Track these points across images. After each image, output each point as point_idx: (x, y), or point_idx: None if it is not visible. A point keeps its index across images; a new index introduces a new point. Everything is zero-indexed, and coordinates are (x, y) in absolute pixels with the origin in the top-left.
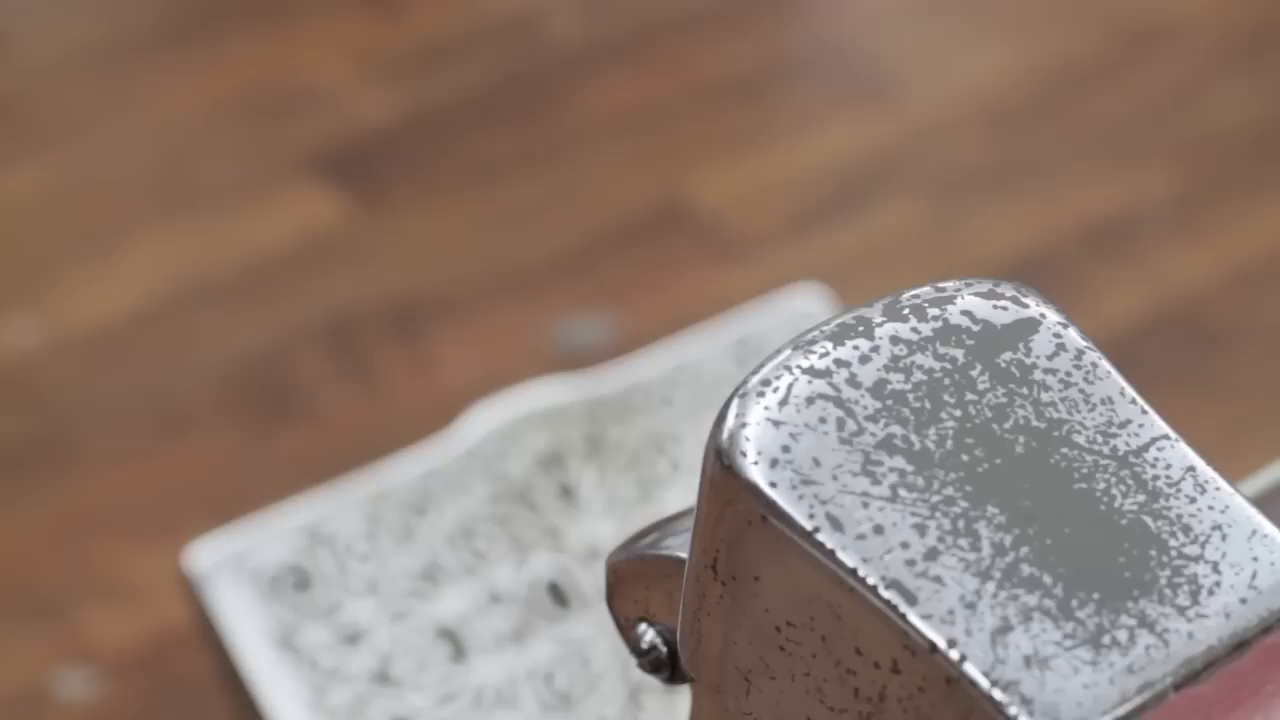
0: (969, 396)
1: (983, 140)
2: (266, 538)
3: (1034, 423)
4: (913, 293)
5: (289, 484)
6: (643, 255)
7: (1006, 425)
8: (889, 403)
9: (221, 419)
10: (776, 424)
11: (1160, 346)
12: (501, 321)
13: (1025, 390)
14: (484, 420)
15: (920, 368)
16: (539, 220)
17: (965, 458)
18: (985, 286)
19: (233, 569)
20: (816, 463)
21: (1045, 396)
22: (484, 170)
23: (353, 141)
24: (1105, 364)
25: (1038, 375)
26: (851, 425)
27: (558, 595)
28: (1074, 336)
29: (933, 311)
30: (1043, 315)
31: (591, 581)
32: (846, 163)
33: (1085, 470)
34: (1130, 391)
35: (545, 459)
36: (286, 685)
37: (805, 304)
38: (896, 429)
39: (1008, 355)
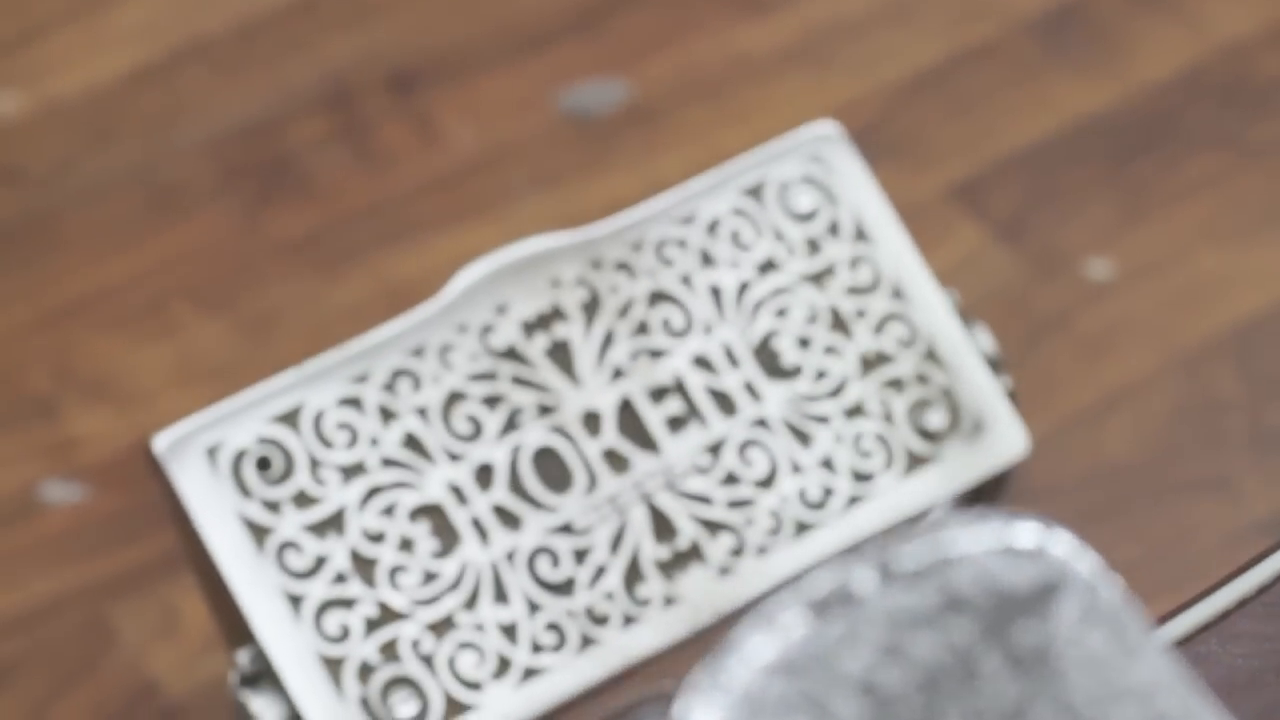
0: (975, 700)
1: None
2: (237, 422)
3: None
4: (913, 545)
5: (285, 267)
6: (657, 8)
7: None
8: (879, 710)
9: (215, 195)
10: None
11: (1202, 105)
12: (508, 85)
13: (1044, 680)
14: (470, 281)
15: (918, 657)
16: None
17: None
18: (1000, 533)
19: (202, 457)
20: None
21: (1068, 688)
22: None
23: None
24: (1143, 633)
25: (1062, 662)
26: None
27: (552, 474)
28: (1108, 599)
29: (936, 579)
30: (1069, 571)
31: (589, 455)
32: None
33: None
34: (1170, 670)
35: (537, 323)
36: (262, 583)
37: (819, 144)
38: None
39: (1026, 631)
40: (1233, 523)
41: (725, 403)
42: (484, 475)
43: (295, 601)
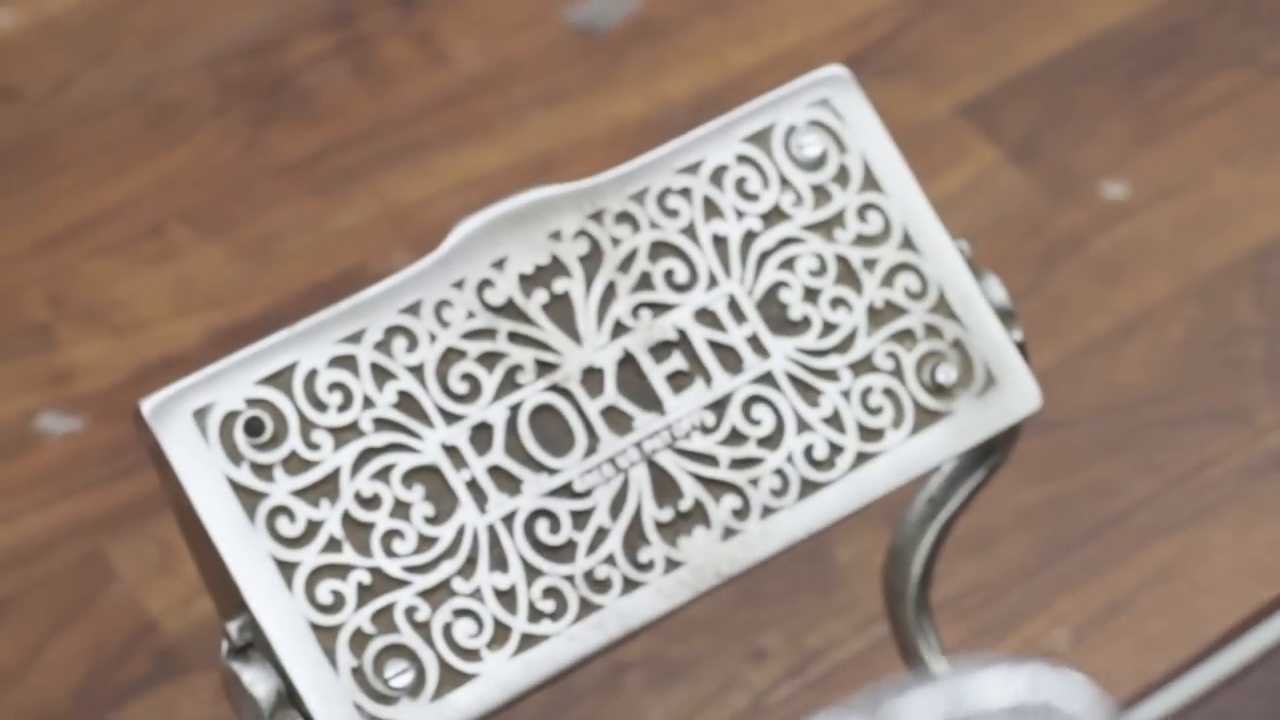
0: None
1: None
2: (226, 384)
3: None
4: (913, 703)
5: (286, 189)
6: None
7: None
8: None
9: (214, 114)
10: None
11: (1220, 21)
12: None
13: None
14: (466, 234)
15: None
16: None
17: None
18: (1007, 684)
19: (190, 421)
20: None
21: None
22: None
23: None
24: None
25: None
26: None
27: (551, 434)
28: None
29: None
30: None
31: (589, 414)
32: None
33: None
34: None
35: (536, 277)
36: (253, 551)
37: (827, 88)
38: None
39: None
40: (1250, 455)
41: (730, 358)
42: (481, 436)
43: (287, 569)
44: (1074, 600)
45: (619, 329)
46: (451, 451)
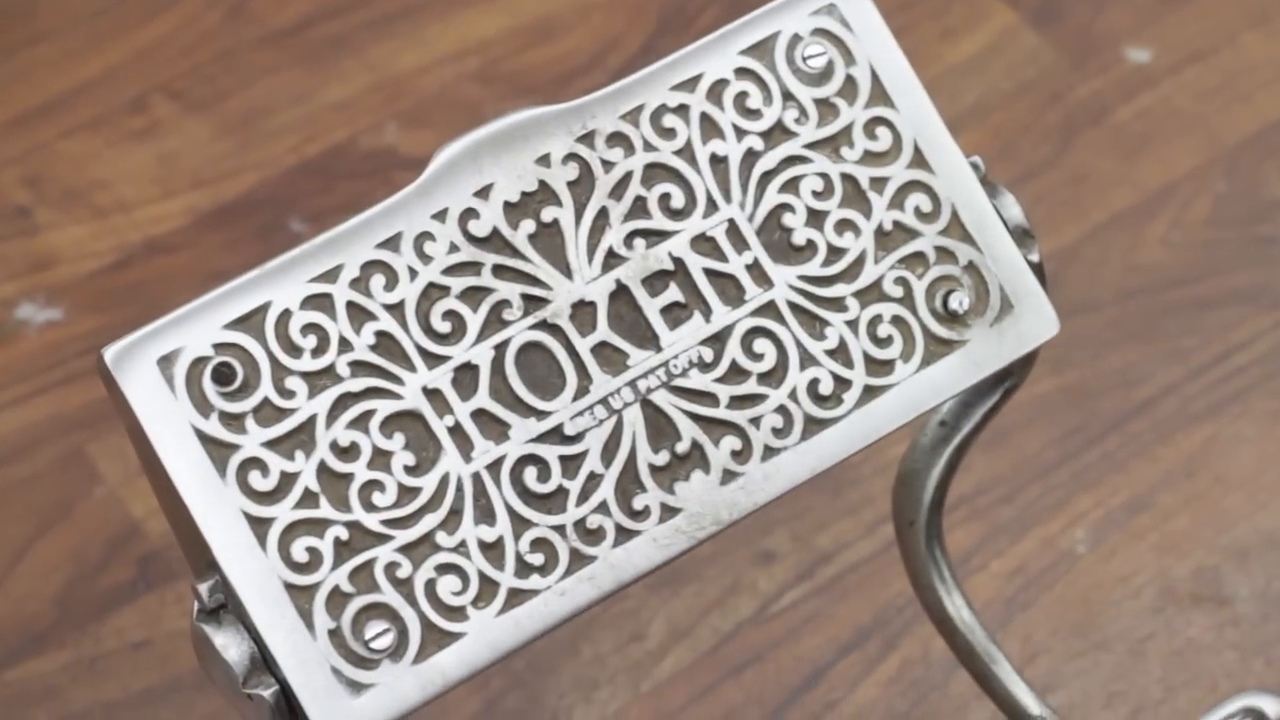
0: None
1: None
2: (194, 327)
3: None
4: None
5: (273, 59)
6: None
7: None
8: None
9: None
10: None
11: None
12: None
13: None
14: (448, 159)
15: None
16: None
17: None
18: None
19: (155, 368)
20: None
21: None
22: None
23: None
24: None
25: None
26: None
27: (540, 374)
28: None
29: None
30: None
31: (580, 352)
32: None
33: None
34: None
35: (522, 204)
36: (223, 506)
37: None
38: None
39: None
40: (1278, 340)
41: (729, 288)
42: (465, 378)
43: (259, 525)
44: (1093, 497)
45: (611, 259)
46: (434, 395)
